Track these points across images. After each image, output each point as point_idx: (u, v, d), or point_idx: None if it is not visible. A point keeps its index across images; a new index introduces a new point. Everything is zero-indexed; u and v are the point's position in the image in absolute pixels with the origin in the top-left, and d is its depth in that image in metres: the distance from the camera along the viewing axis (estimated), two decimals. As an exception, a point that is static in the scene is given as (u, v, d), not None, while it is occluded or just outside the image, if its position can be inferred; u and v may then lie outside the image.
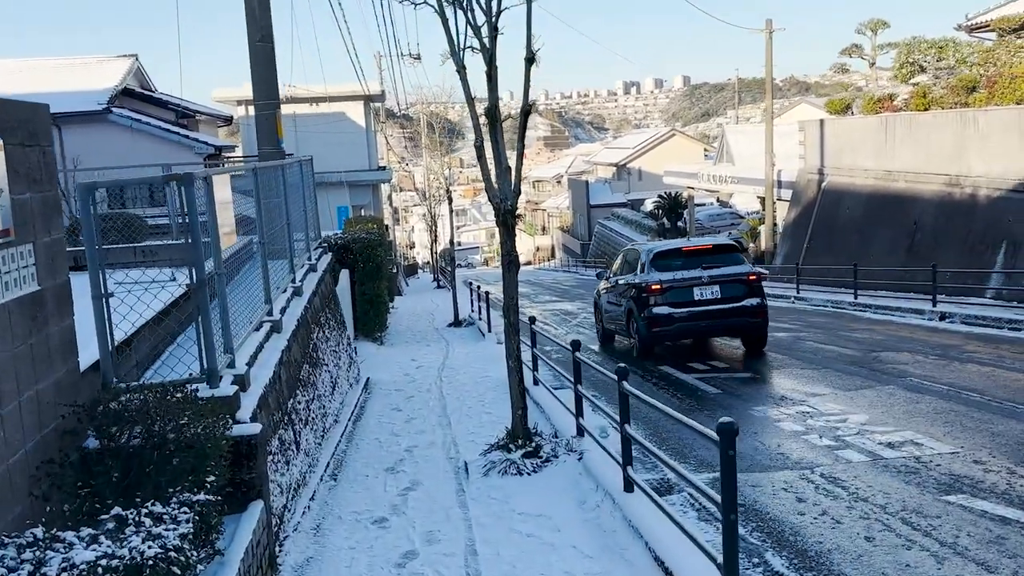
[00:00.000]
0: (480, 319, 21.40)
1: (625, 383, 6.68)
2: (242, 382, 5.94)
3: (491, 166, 8.15)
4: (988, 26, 23.62)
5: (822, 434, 8.24)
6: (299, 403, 7.98)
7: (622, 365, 6.83)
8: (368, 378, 13.81)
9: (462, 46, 7.88)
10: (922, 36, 25.21)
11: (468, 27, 7.85)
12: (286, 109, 38.90)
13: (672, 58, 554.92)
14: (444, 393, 12.50)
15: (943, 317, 16.64)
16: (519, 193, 8.09)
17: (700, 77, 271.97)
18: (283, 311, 8.34)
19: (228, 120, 38.39)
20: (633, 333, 13.94)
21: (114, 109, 23.68)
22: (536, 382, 11.90)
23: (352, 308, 17.94)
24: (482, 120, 8.21)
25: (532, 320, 12.86)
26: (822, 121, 28.69)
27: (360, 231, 18.72)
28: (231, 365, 5.95)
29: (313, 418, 8.54)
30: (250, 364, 6.44)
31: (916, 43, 24.68)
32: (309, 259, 11.54)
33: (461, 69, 8.12)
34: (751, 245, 34.56)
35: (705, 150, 64.17)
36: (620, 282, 14.63)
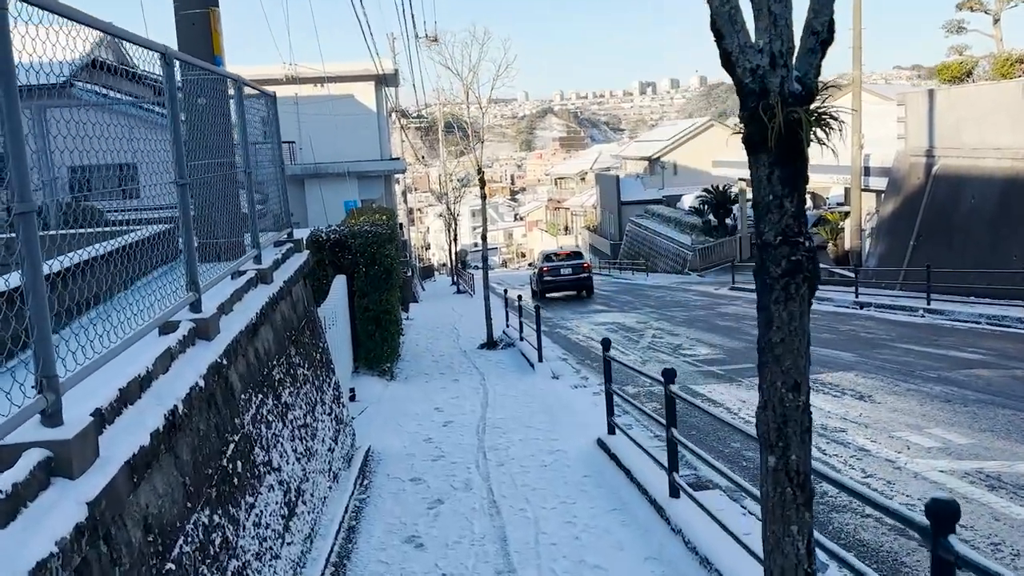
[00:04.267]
0: (522, 339, 16.30)
1: None
2: None
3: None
4: None
5: None
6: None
7: None
8: (369, 448, 8.74)
9: None
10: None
11: None
12: (286, 91, 34.13)
13: (688, 57, 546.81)
14: (495, 492, 7.35)
15: None
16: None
17: (716, 77, 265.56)
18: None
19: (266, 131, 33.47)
20: (536, 288, 29.29)
21: (79, 83, 18.80)
22: (612, 429, 6.98)
23: (351, 328, 12.89)
24: None
25: (607, 345, 7.90)
26: (931, 91, 23.40)
27: (364, 223, 13.69)
28: None
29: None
30: None
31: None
32: (258, 262, 6.48)
33: None
34: (831, 245, 29.28)
35: (746, 142, 58.74)
36: (535, 267, 31.17)
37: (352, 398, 11.48)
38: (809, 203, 52.63)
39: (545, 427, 9.55)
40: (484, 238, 17.60)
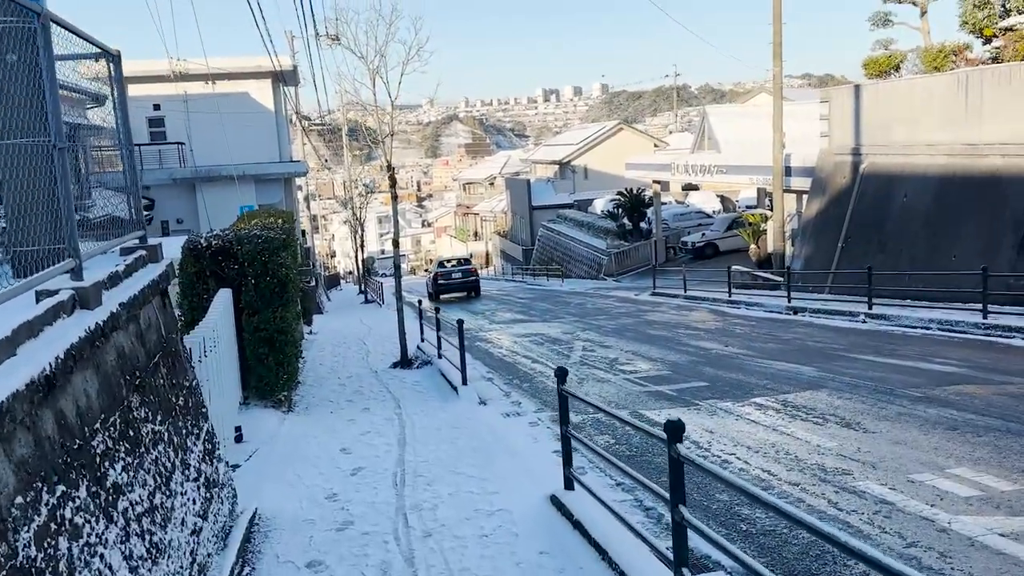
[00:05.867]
0: (440, 356, 14.41)
1: None
2: None
3: None
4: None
5: None
6: None
7: None
8: (255, 514, 6.75)
9: None
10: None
11: None
12: (174, 89, 31.36)
13: (591, 65, 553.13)
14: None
15: None
16: None
17: (618, 85, 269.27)
18: None
19: (100, 99, 30.43)
20: (431, 291, 33.05)
21: None
22: (571, 483, 5.43)
23: (239, 353, 10.78)
24: None
25: (562, 377, 6.17)
26: (857, 87, 22.61)
27: (254, 227, 11.58)
28: None
29: None
30: None
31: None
32: (77, 277, 4.47)
33: None
34: (752, 247, 28.39)
35: (655, 144, 58.30)
36: (431, 272, 35.78)
37: (238, 439, 9.41)
38: (718, 206, 52.42)
39: (479, 472, 7.71)
40: (396, 243, 15.62)
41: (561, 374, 6.16)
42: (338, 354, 18.01)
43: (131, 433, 4.70)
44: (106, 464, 4.18)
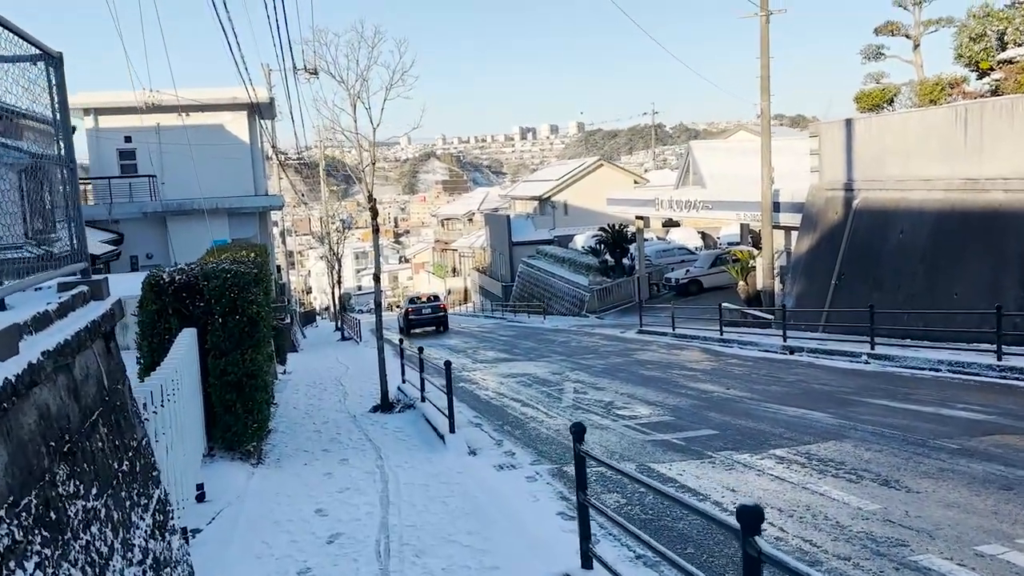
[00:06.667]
0: (424, 399, 13.42)
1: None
2: None
3: None
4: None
5: None
6: None
7: None
8: (214, 596, 5.73)
9: None
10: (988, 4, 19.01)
11: None
12: (147, 120, 30.37)
13: (568, 103, 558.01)
14: None
15: None
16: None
17: (594, 124, 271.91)
18: None
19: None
20: (402, 325, 35.36)
21: None
22: (589, 561, 4.79)
23: (204, 399, 9.76)
24: None
25: (579, 435, 5.26)
26: (849, 121, 22.13)
27: (223, 261, 10.62)
28: None
29: None
30: None
31: (990, 11, 18.40)
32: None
33: None
34: (741, 283, 27.71)
35: (635, 181, 57.96)
36: (402, 308, 37.01)
37: (200, 497, 8.37)
38: (700, 242, 51.98)
39: (476, 541, 6.74)
40: (377, 278, 14.65)
41: (578, 432, 5.25)
42: (313, 396, 16.96)
43: (52, 516, 3.72)
44: (11, 564, 3.21)
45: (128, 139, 30.93)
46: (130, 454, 5.13)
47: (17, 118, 4.50)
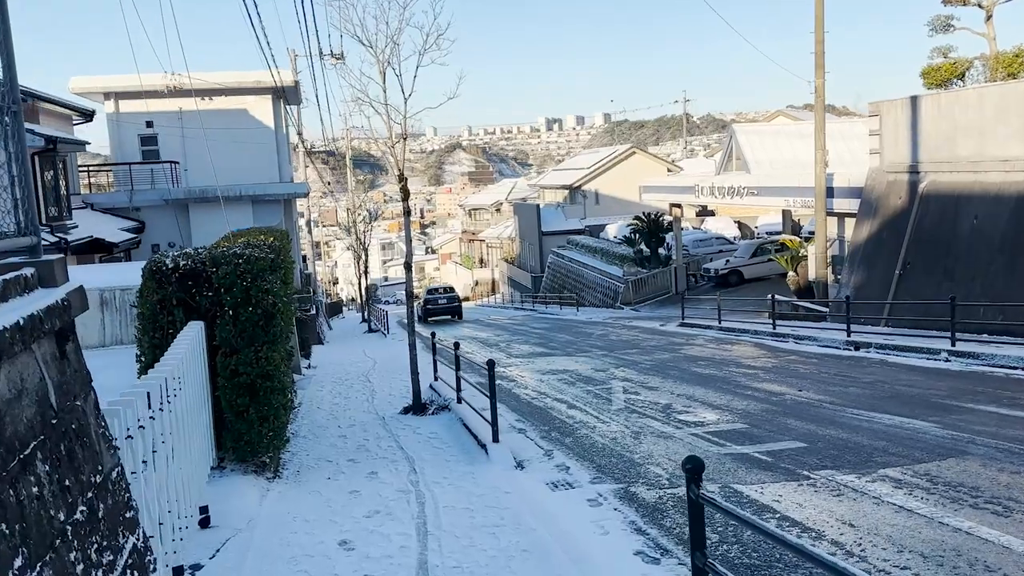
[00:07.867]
0: (460, 400, 12.08)
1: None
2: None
3: None
4: None
5: None
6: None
7: None
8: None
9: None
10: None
11: None
12: (169, 105, 29.27)
13: (594, 94, 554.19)
14: None
15: None
16: None
17: (621, 114, 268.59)
18: None
19: (87, 114, 28.44)
20: (420, 314, 37.15)
21: None
22: None
23: (211, 403, 8.46)
24: None
25: (695, 474, 4.77)
26: (914, 98, 20.46)
27: (239, 245, 9.32)
28: None
29: None
30: None
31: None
32: None
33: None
34: (791, 274, 26.08)
35: (668, 169, 56.24)
36: (421, 299, 40.25)
37: (204, 522, 7.09)
38: (736, 231, 50.21)
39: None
40: (408, 266, 13.30)
41: (694, 471, 3.85)
42: (339, 394, 15.69)
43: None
44: None
45: (150, 124, 29.92)
46: (89, 495, 3.80)
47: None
